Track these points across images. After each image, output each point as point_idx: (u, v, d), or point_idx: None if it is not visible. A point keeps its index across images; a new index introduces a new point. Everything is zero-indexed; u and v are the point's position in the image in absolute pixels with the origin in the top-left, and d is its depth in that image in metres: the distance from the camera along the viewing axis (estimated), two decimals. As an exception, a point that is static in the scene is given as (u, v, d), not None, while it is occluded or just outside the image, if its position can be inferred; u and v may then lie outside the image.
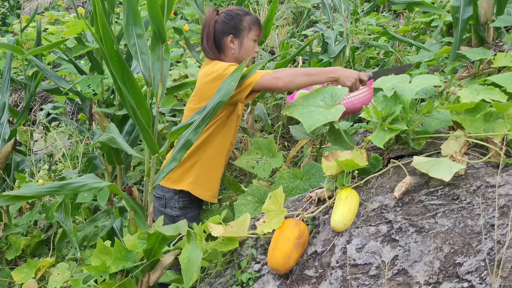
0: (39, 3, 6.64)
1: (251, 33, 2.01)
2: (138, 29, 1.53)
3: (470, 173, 1.40)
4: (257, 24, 2.03)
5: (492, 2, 2.42)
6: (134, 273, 1.52)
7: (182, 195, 2.02)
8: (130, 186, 1.56)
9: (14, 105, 5.14)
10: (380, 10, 5.96)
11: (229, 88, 1.60)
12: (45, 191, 1.48)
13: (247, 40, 2.01)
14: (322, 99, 1.59)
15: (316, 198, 1.60)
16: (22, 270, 2.43)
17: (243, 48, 2.01)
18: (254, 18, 2.04)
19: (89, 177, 1.51)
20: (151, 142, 1.50)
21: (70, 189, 1.44)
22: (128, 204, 1.54)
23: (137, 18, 1.52)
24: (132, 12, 1.50)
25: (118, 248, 1.49)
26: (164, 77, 1.56)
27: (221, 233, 1.49)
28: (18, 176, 2.71)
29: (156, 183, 1.58)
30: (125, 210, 2.10)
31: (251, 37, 2.02)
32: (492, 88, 1.49)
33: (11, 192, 1.38)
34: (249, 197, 1.80)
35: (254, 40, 2.03)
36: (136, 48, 1.53)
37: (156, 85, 1.55)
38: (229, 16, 2.00)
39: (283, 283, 1.40)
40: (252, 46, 2.04)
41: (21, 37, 3.28)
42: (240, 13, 2.02)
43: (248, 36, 2.01)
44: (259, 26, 2.05)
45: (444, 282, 1.18)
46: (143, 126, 1.45)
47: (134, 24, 1.52)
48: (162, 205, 2.05)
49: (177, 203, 2.02)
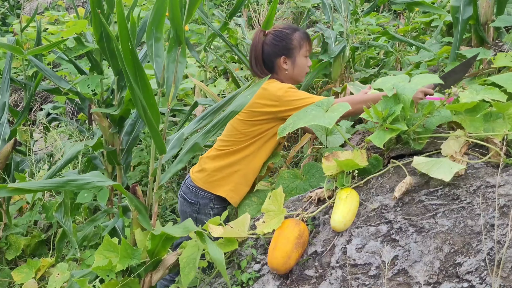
0: (39, 3, 6.64)
1: (303, 50, 1.98)
2: (158, 33, 1.56)
3: (470, 173, 1.40)
4: (306, 40, 1.99)
5: (492, 2, 2.42)
6: (139, 271, 1.52)
7: (217, 201, 2.02)
8: (135, 185, 1.56)
9: (14, 105, 5.14)
10: (380, 10, 5.96)
11: (244, 101, 1.62)
12: (49, 185, 1.49)
13: (299, 58, 1.98)
14: (313, 109, 1.61)
15: (316, 198, 1.60)
16: (22, 270, 2.43)
17: (297, 67, 1.98)
18: (303, 34, 1.99)
19: (94, 175, 1.51)
20: (159, 142, 1.50)
21: (75, 185, 1.44)
22: (132, 204, 1.53)
23: (161, 22, 1.54)
24: (159, 15, 1.52)
25: (124, 246, 1.49)
26: (178, 79, 1.58)
27: (220, 233, 1.49)
28: (18, 176, 2.71)
29: (162, 183, 1.58)
30: (128, 209, 2.09)
31: (303, 54, 1.98)
32: (492, 88, 1.49)
33: (15, 184, 1.37)
34: (254, 198, 1.80)
35: (306, 56, 2.00)
36: (153, 50, 1.56)
37: (169, 87, 1.56)
38: (278, 37, 1.97)
39: (283, 283, 1.40)
40: (305, 62, 2.00)
41: (21, 37, 3.28)
42: (289, 32, 1.97)
43: (300, 53, 1.97)
44: (309, 41, 2.01)
45: (444, 282, 1.18)
46: (153, 126, 1.46)
47: (157, 27, 1.55)
48: (195, 211, 2.04)
49: (212, 209, 2.02)
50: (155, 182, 1.58)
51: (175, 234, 1.44)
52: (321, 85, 3.84)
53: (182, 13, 1.53)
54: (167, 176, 1.58)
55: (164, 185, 3.58)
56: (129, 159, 2.67)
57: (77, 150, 2.39)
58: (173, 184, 3.55)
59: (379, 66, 3.87)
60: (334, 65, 3.30)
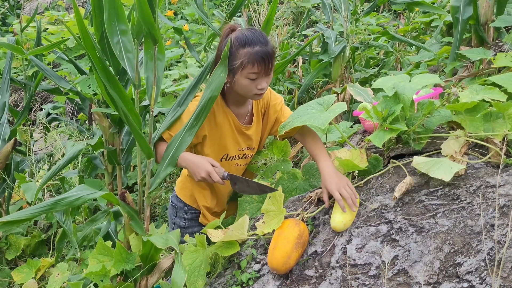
0: (39, 3, 6.63)
1: (245, 71, 1.61)
2: (122, 25, 1.39)
3: (470, 173, 1.40)
4: (255, 62, 1.60)
5: (492, 2, 2.42)
6: (135, 276, 1.50)
7: (191, 206, 1.98)
8: (123, 191, 1.51)
9: (14, 105, 5.15)
10: (380, 10, 5.96)
11: (219, 81, 1.50)
12: (38, 211, 1.38)
13: (240, 78, 1.64)
14: (313, 108, 1.60)
15: (316, 198, 1.60)
16: (22, 270, 2.43)
17: (238, 86, 1.67)
18: (253, 55, 1.59)
19: (81, 189, 1.43)
20: (145, 146, 1.44)
21: (65, 204, 1.37)
22: (125, 210, 1.49)
23: (120, 13, 1.37)
24: (114, 6, 1.37)
25: (119, 250, 1.48)
26: (159, 78, 1.43)
27: (220, 238, 1.49)
28: (18, 176, 2.71)
29: (153, 188, 1.53)
30: (120, 214, 2.06)
31: (245, 75, 1.62)
32: (492, 88, 1.49)
33: (3, 218, 1.31)
34: (255, 196, 1.80)
35: (251, 78, 1.63)
36: (121, 46, 1.40)
37: (150, 87, 1.43)
38: (226, 44, 1.63)
39: (283, 283, 1.40)
40: (248, 84, 1.65)
41: (21, 37, 3.27)
42: (238, 44, 1.62)
43: (241, 73, 1.63)
44: (259, 64, 1.60)
45: (444, 282, 1.18)
46: (136, 131, 1.39)
47: (118, 20, 1.38)
48: (174, 213, 2.03)
49: (186, 214, 1.99)
50: (146, 186, 1.52)
51: (157, 244, 1.39)
52: (321, 85, 3.84)
53: (153, 7, 1.36)
54: (157, 181, 1.51)
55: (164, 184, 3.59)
56: (129, 159, 2.67)
57: (78, 149, 2.39)
58: (173, 184, 3.55)
59: (379, 66, 3.87)
60: (334, 65, 3.31)
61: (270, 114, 1.88)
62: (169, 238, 1.44)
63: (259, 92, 1.66)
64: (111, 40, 1.38)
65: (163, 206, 3.37)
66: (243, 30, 1.65)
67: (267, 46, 1.61)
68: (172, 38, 4.86)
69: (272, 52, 1.63)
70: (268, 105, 1.87)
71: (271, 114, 1.87)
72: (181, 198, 1.99)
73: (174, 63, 4.63)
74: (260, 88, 1.64)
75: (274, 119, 1.88)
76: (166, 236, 1.46)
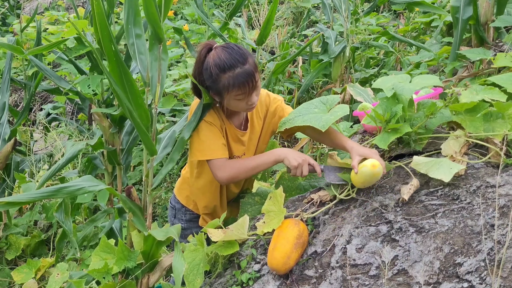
0: (39, 3, 6.63)
1: (232, 93, 1.58)
2: (137, 29, 1.52)
3: (470, 173, 1.40)
4: (237, 86, 1.55)
5: (492, 2, 2.42)
6: (136, 273, 1.51)
7: (188, 208, 1.98)
8: (129, 187, 1.54)
9: (14, 105, 5.15)
10: (380, 10, 5.96)
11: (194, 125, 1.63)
12: (40, 195, 1.42)
13: (230, 100, 1.62)
14: (316, 107, 1.59)
15: (318, 201, 1.59)
16: (22, 270, 2.43)
17: (229, 106, 1.66)
18: (234, 79, 1.54)
19: (86, 180, 1.47)
20: (149, 143, 1.48)
21: (66, 192, 1.40)
22: (126, 206, 1.51)
23: (137, 18, 1.51)
24: (133, 11, 1.49)
25: (121, 248, 1.49)
26: (162, 77, 1.54)
27: (220, 237, 1.49)
28: (18, 176, 2.71)
29: (155, 185, 1.56)
30: (124, 211, 2.09)
31: (233, 97, 1.60)
32: (492, 88, 1.49)
33: (5, 199, 1.34)
34: (257, 198, 1.79)
35: (239, 99, 1.60)
36: (135, 48, 1.52)
37: (154, 85, 1.53)
38: (207, 70, 1.59)
39: (283, 283, 1.40)
40: (238, 104, 1.63)
41: (21, 37, 3.28)
42: (218, 71, 1.56)
43: (228, 96, 1.60)
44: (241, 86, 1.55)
45: (444, 282, 1.18)
46: (141, 128, 1.43)
47: (134, 24, 1.51)
48: (173, 215, 2.03)
49: (184, 215, 1.99)
50: (148, 184, 1.57)
51: (158, 237, 1.42)
52: (321, 85, 3.84)
53: (160, 10, 1.50)
54: (159, 177, 1.56)
55: (164, 185, 3.59)
56: (129, 159, 2.67)
57: (78, 149, 2.39)
58: (173, 184, 3.55)
59: (379, 66, 3.88)
60: (334, 65, 3.31)
61: (271, 118, 1.86)
62: (170, 230, 1.47)
63: (251, 106, 1.64)
64: (128, 42, 1.51)
65: (163, 206, 3.37)
66: (219, 53, 1.56)
67: (246, 64, 1.55)
68: (172, 38, 4.86)
69: (254, 68, 1.57)
70: (267, 110, 1.85)
71: (273, 118, 1.85)
72: (179, 199, 1.99)
73: (174, 63, 4.63)
74: (251, 103, 1.62)
75: (277, 122, 1.86)
76: (166, 229, 1.48)
